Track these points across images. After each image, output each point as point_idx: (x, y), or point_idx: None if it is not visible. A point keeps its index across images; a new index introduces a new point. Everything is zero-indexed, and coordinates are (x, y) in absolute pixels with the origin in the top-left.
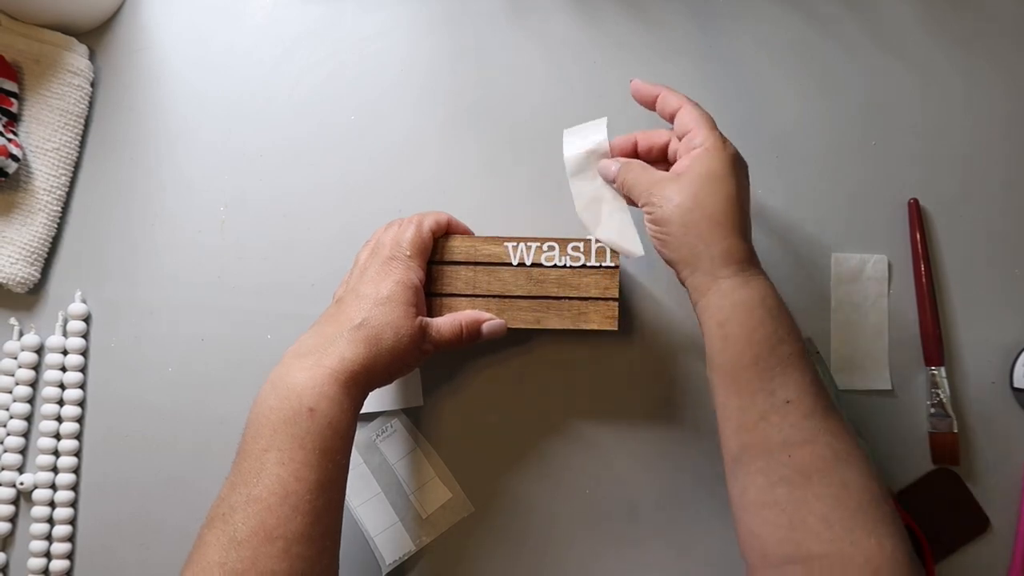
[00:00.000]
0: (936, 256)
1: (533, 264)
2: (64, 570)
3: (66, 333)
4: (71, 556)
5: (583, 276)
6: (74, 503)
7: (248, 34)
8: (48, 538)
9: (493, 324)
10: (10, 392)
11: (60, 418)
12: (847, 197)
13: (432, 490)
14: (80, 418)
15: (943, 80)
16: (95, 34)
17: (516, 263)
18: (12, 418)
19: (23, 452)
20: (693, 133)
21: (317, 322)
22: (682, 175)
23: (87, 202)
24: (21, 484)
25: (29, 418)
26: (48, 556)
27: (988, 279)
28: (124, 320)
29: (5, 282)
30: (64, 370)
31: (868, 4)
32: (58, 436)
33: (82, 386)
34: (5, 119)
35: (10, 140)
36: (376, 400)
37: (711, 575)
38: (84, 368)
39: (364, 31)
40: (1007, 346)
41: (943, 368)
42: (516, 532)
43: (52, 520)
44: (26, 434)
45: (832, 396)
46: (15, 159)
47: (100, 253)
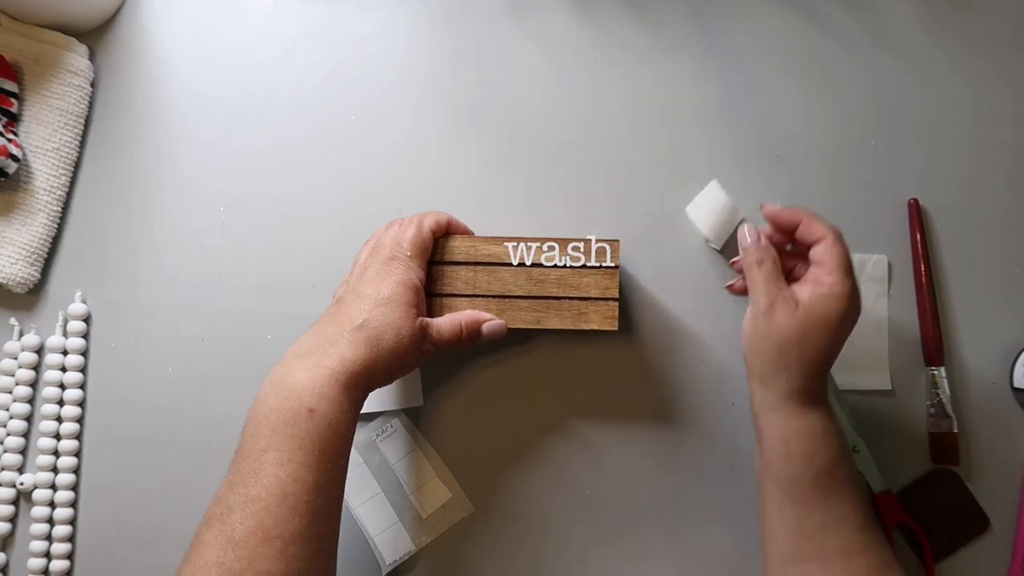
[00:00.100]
0: (936, 256)
1: (533, 264)
2: (64, 570)
3: (66, 333)
4: (71, 556)
5: (583, 276)
6: (74, 503)
7: (248, 34)
8: (48, 538)
9: (493, 324)
10: (10, 392)
11: (60, 418)
12: (847, 197)
13: (432, 490)
14: (80, 418)
15: (943, 80)
16: (95, 34)
17: (516, 263)
18: (12, 418)
19: (23, 452)
20: (827, 269)
21: (317, 322)
22: (801, 307)
23: (87, 202)
24: (21, 484)
25: (29, 418)
26: (48, 556)
27: (988, 279)
28: (124, 320)
29: (5, 282)
30: (64, 370)
31: (868, 4)
32: (58, 436)
33: (82, 386)
34: (5, 119)
35: (10, 140)
36: (376, 400)
37: (710, 574)
38: (84, 368)
39: (364, 31)
40: (1007, 346)
41: (943, 368)
42: (516, 532)
43: (52, 520)
44: (26, 434)
45: (832, 395)
46: (15, 159)
47: (100, 253)
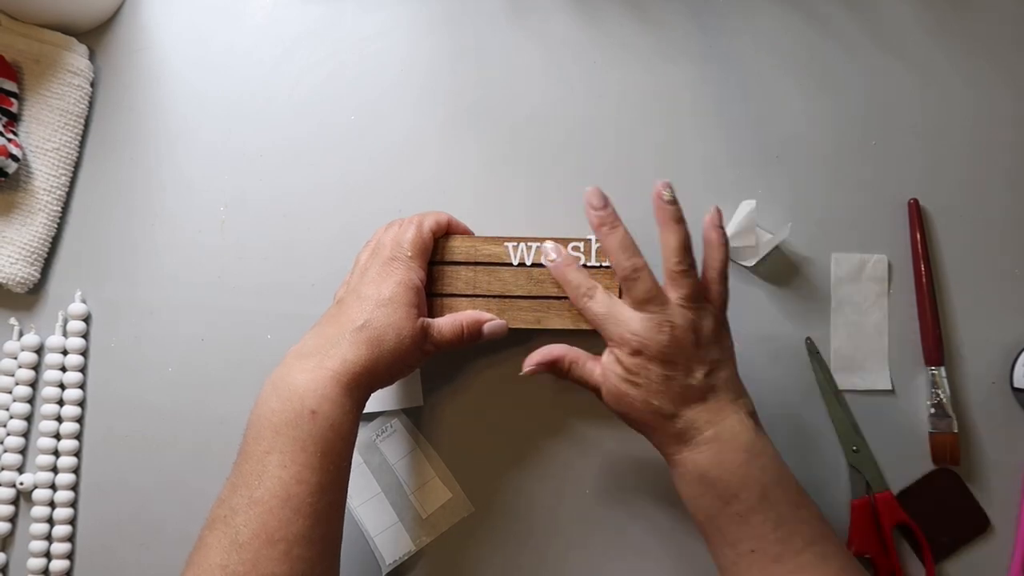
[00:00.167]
0: (936, 256)
1: (533, 264)
2: (64, 570)
3: (66, 333)
4: (71, 556)
5: None
6: (74, 503)
7: (248, 34)
8: (48, 538)
9: (494, 325)
10: (10, 392)
11: (60, 418)
12: (847, 197)
13: (432, 490)
14: (80, 418)
15: (943, 80)
16: (95, 34)
17: (516, 263)
18: (12, 418)
19: (23, 452)
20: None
21: (319, 323)
22: (601, 386)
23: (87, 202)
24: (21, 484)
25: (29, 418)
26: (48, 556)
27: (988, 279)
28: (124, 320)
29: (5, 282)
30: (64, 370)
31: (868, 4)
32: (58, 436)
33: (82, 386)
34: (5, 119)
35: (10, 140)
36: (376, 400)
37: (711, 575)
38: (84, 368)
39: (364, 31)
40: (1007, 346)
41: (943, 368)
42: (516, 532)
43: (52, 520)
44: (26, 434)
45: (832, 395)
46: (15, 159)
47: (100, 253)
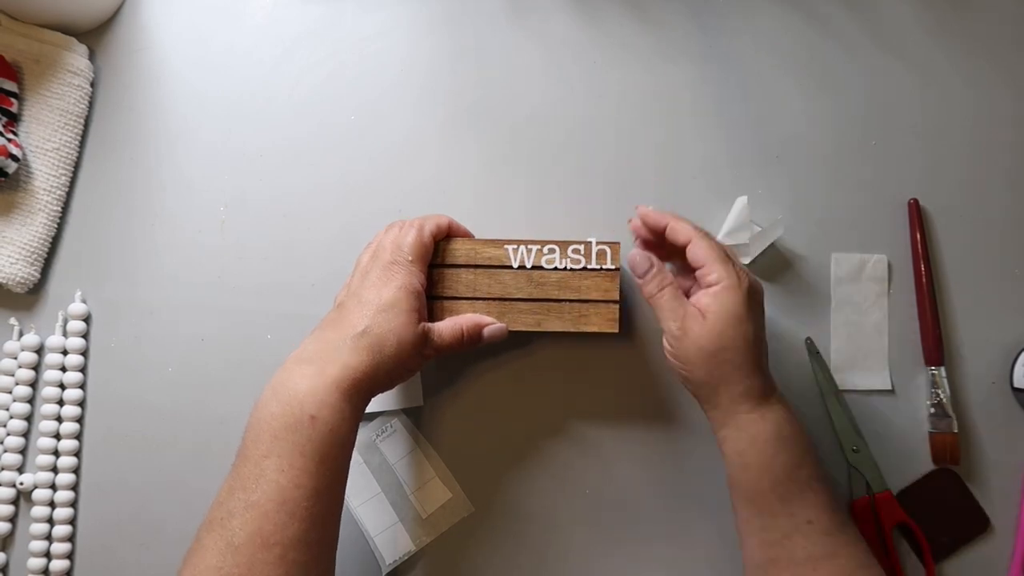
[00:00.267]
0: (936, 256)
1: (534, 267)
2: (64, 570)
3: (66, 333)
4: (71, 556)
5: (584, 279)
6: (74, 503)
7: (248, 34)
8: (48, 538)
9: (494, 328)
10: (10, 392)
11: (60, 418)
12: (847, 197)
13: (432, 490)
14: (80, 418)
15: (943, 80)
16: (95, 34)
17: (517, 266)
18: (12, 418)
19: (23, 452)
20: (707, 268)
21: (319, 327)
22: (706, 317)
23: (87, 202)
24: (21, 484)
25: (29, 418)
26: (48, 556)
27: (988, 279)
28: (124, 320)
29: (5, 282)
30: (64, 370)
31: (868, 4)
32: (58, 436)
33: (82, 386)
34: (5, 119)
35: (10, 140)
36: (376, 400)
37: (711, 575)
38: (84, 368)
39: (364, 31)
40: (1007, 346)
41: (943, 368)
42: (516, 532)
43: (52, 520)
44: (26, 434)
45: (832, 395)
46: (15, 159)
47: (100, 253)
